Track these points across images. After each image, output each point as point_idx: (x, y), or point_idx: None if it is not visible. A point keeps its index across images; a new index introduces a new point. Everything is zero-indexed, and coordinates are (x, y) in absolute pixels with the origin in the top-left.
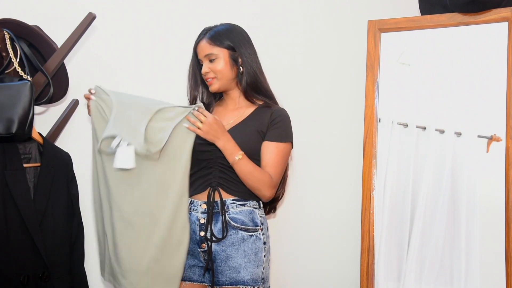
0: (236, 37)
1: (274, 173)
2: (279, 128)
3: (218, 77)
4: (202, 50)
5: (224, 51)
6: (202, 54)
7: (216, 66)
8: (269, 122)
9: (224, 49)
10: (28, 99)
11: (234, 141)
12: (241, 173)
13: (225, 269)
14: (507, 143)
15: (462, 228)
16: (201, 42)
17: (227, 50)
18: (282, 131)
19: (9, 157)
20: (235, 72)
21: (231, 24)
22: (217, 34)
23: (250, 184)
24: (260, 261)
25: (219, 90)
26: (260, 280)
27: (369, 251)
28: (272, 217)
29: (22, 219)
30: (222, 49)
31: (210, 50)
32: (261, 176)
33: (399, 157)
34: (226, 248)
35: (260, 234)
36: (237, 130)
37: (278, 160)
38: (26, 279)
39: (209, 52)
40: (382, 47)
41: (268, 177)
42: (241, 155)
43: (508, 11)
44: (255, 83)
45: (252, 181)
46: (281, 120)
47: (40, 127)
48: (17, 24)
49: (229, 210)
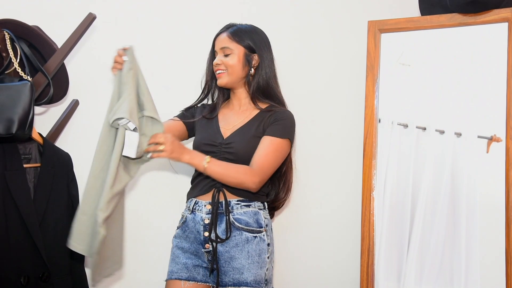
0: (257, 39)
1: (258, 162)
2: (278, 125)
3: (228, 72)
4: (220, 42)
5: (240, 49)
6: (219, 46)
7: (229, 61)
8: (270, 122)
9: (242, 47)
10: (28, 100)
11: (194, 151)
12: (217, 174)
13: (228, 270)
14: (507, 144)
15: (462, 228)
16: (222, 34)
17: (244, 48)
18: (280, 128)
19: (9, 158)
20: (245, 72)
21: (255, 26)
22: (239, 30)
23: (231, 181)
24: (264, 263)
25: (226, 86)
26: (263, 281)
27: (369, 251)
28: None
29: (22, 219)
30: (239, 46)
31: (227, 43)
32: (236, 169)
33: (399, 158)
34: (230, 249)
35: (264, 235)
36: (237, 135)
37: (267, 152)
38: (26, 279)
39: (226, 46)
40: (382, 47)
41: (245, 167)
42: (208, 158)
43: (508, 11)
44: (267, 88)
45: (231, 178)
46: (282, 118)
47: (40, 127)
48: (17, 24)
49: (234, 211)
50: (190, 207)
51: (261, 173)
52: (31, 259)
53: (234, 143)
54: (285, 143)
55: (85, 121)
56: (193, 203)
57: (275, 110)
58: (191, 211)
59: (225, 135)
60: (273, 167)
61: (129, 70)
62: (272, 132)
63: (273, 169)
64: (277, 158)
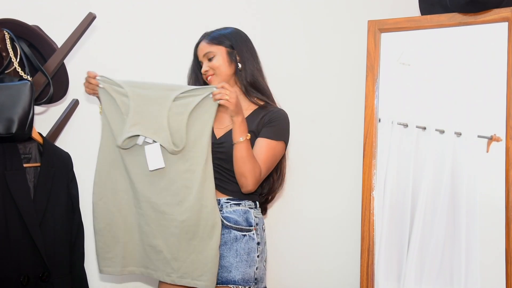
0: (233, 36)
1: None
2: (273, 126)
3: (216, 73)
4: (201, 51)
5: (221, 49)
6: (201, 54)
7: (215, 63)
8: (264, 122)
9: (222, 47)
10: (28, 99)
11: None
12: (239, 154)
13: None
14: (507, 143)
15: (462, 228)
16: (201, 43)
17: (225, 48)
18: (276, 130)
19: (9, 157)
20: (233, 69)
21: (230, 26)
22: (215, 34)
23: (241, 170)
24: (253, 261)
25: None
26: (252, 280)
27: (369, 251)
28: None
29: (22, 219)
30: (219, 47)
31: (208, 48)
32: (254, 166)
33: (399, 157)
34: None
35: (254, 234)
36: (229, 135)
37: (267, 157)
38: (26, 279)
39: (207, 51)
40: (382, 47)
41: (259, 170)
42: (248, 136)
43: (508, 11)
44: (255, 82)
45: (244, 168)
46: (276, 119)
47: (40, 127)
48: (17, 24)
49: (223, 209)
50: None
51: (261, 180)
52: (31, 258)
53: (226, 143)
54: (280, 145)
55: (85, 121)
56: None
57: (270, 109)
58: None
59: (218, 135)
60: (270, 171)
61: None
62: (268, 134)
63: (268, 173)
64: (275, 162)
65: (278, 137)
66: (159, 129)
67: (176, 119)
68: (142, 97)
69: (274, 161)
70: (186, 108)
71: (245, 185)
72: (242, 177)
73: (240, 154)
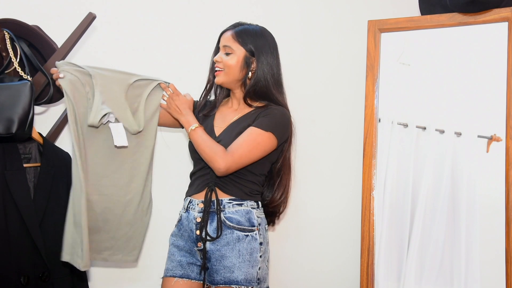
0: (260, 43)
1: (232, 148)
2: (264, 118)
3: (225, 71)
4: (224, 40)
5: (241, 50)
6: (222, 43)
7: (228, 61)
8: (260, 116)
9: (243, 49)
10: (28, 99)
11: (193, 115)
12: (195, 143)
13: (219, 268)
14: (507, 143)
15: (462, 228)
16: (227, 32)
17: (246, 51)
18: (266, 121)
19: (9, 157)
20: (243, 74)
21: (264, 29)
22: (244, 31)
23: (203, 155)
24: (256, 262)
25: (222, 85)
26: (254, 280)
27: (369, 251)
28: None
29: (22, 219)
30: (240, 48)
31: (230, 43)
32: (212, 146)
33: (399, 157)
34: (221, 247)
35: (256, 234)
36: (227, 132)
37: (245, 140)
38: (26, 279)
39: (228, 44)
40: (382, 47)
41: (221, 149)
42: (197, 125)
43: (508, 11)
44: (266, 93)
45: (203, 152)
46: (270, 113)
47: (40, 127)
48: (17, 24)
49: (225, 210)
50: (185, 206)
51: (231, 159)
52: (31, 259)
53: (223, 140)
54: (266, 136)
55: None
56: (188, 201)
57: (270, 107)
58: (186, 210)
59: (217, 133)
60: (247, 157)
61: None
62: (257, 123)
63: (247, 159)
64: (254, 149)
65: (266, 127)
66: (122, 108)
67: (135, 101)
68: (104, 76)
69: (253, 148)
70: (143, 92)
71: (214, 167)
72: (209, 162)
73: (195, 142)
